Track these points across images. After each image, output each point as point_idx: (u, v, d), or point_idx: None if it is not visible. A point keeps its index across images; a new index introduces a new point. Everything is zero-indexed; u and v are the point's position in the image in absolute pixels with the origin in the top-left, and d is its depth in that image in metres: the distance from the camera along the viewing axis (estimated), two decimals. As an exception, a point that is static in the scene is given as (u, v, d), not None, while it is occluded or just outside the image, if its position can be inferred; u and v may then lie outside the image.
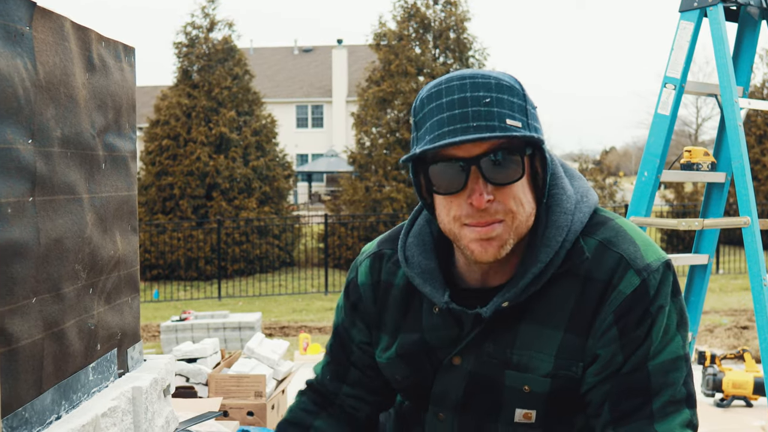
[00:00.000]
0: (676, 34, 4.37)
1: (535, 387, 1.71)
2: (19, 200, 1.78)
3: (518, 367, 1.71)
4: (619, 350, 1.65)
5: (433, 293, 1.75)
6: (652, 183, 4.35)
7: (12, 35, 1.78)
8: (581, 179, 1.81)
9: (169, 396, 2.56)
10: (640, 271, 1.65)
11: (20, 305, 1.79)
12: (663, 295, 1.65)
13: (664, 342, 1.65)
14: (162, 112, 23.91)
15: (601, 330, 1.66)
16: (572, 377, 1.69)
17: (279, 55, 52.33)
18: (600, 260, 1.68)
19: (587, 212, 1.73)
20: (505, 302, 1.67)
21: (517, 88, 1.63)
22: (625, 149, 79.09)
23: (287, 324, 14.54)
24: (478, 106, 1.58)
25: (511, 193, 1.62)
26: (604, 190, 27.82)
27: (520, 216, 1.64)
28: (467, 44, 25.15)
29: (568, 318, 1.68)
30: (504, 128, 1.57)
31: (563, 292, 1.69)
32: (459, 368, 1.79)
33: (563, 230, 1.68)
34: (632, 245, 1.68)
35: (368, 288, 1.94)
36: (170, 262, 22.01)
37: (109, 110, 2.32)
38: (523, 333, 1.71)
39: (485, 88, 1.60)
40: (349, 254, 22.71)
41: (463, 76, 1.63)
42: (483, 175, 1.60)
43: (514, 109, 1.60)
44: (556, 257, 1.67)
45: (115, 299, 2.34)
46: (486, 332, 1.74)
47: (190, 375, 5.65)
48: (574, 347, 1.68)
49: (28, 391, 1.83)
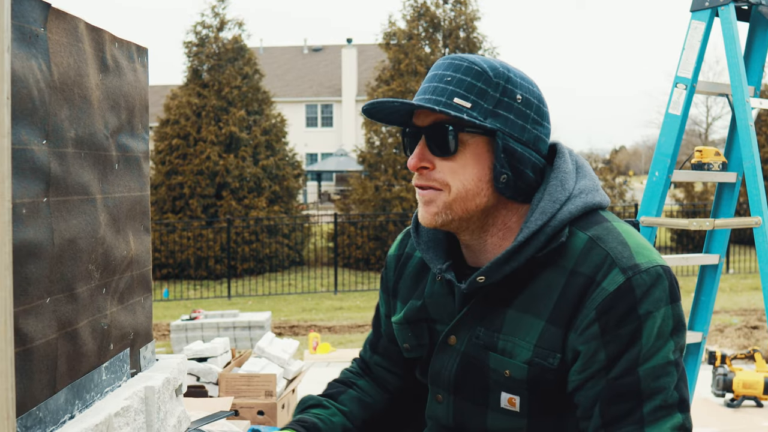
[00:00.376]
0: (687, 33, 4.36)
1: (514, 372, 1.75)
2: (33, 201, 1.79)
3: (503, 351, 1.76)
4: (601, 347, 1.65)
5: (433, 260, 1.87)
6: (663, 183, 4.34)
7: (27, 36, 1.79)
8: (592, 180, 1.84)
9: (181, 395, 2.57)
10: (626, 269, 1.66)
11: (34, 305, 1.80)
12: (653, 299, 1.65)
13: (655, 347, 1.65)
14: (172, 112, 23.98)
15: (583, 326, 1.67)
16: (548, 368, 1.71)
17: (289, 54, 52.41)
18: (587, 255, 1.71)
19: (580, 205, 1.76)
20: (481, 277, 1.74)
21: (487, 74, 1.73)
22: (635, 148, 79.04)
23: (297, 323, 14.57)
24: (439, 82, 1.74)
25: (451, 167, 1.74)
26: (613, 189, 27.79)
27: (454, 190, 1.74)
28: (477, 43, 25.14)
29: (551, 309, 1.71)
30: (446, 105, 1.71)
31: (549, 282, 1.73)
32: (453, 348, 1.86)
33: (546, 215, 1.73)
34: (622, 245, 1.71)
35: (393, 259, 2.11)
36: (180, 261, 22.07)
37: (123, 111, 2.32)
38: (510, 319, 1.76)
39: (454, 68, 1.74)
40: (359, 253, 22.74)
41: (449, 56, 1.79)
42: (426, 143, 1.76)
43: (471, 92, 1.72)
44: (534, 239, 1.72)
45: (127, 299, 2.35)
46: (477, 315, 1.81)
47: (201, 374, 5.67)
48: (554, 338, 1.71)
49: (42, 391, 1.84)
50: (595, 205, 1.79)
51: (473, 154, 1.73)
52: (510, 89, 1.74)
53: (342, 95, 47.07)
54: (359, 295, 18.78)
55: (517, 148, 1.73)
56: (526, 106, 1.75)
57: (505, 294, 1.78)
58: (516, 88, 1.75)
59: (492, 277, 1.74)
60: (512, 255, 1.73)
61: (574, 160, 1.86)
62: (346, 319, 14.99)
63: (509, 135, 1.73)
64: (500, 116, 1.72)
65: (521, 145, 1.74)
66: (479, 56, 1.77)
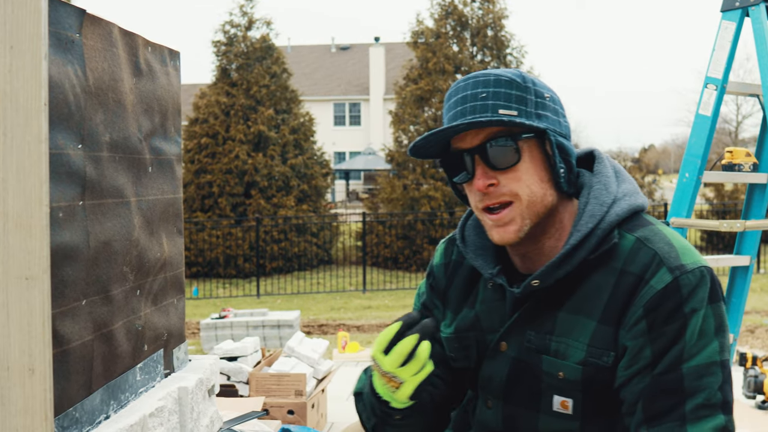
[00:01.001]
0: (718, 34, 4.34)
1: (568, 374, 1.78)
2: (69, 204, 1.82)
3: (556, 353, 1.79)
4: (647, 344, 1.69)
5: (483, 266, 1.90)
6: (693, 184, 4.33)
7: (63, 43, 1.82)
8: (631, 183, 1.90)
9: (213, 396, 2.59)
10: (673, 269, 1.71)
11: (71, 307, 1.83)
12: (698, 298, 1.69)
13: (699, 345, 1.67)
14: (201, 111, 24.06)
15: (631, 322, 1.71)
16: (603, 367, 1.75)
17: (316, 53, 52.47)
18: (635, 255, 1.76)
19: (626, 208, 1.81)
20: (535, 281, 1.78)
21: (517, 81, 1.78)
22: (664, 147, 78.49)
23: (325, 322, 14.59)
24: (474, 101, 1.76)
25: (515, 177, 1.76)
26: (643, 188, 27.61)
27: (525, 197, 1.77)
28: (505, 42, 25.04)
29: (602, 308, 1.75)
30: (495, 116, 1.73)
31: (599, 283, 1.77)
32: (504, 354, 1.88)
33: (596, 218, 1.78)
34: (668, 246, 1.75)
35: (441, 268, 2.10)
36: (209, 259, 22.15)
37: (156, 114, 2.35)
38: (561, 321, 1.80)
39: (483, 84, 1.77)
40: (387, 252, 22.73)
41: (468, 77, 1.81)
42: (483, 162, 1.76)
43: (510, 100, 1.76)
44: (586, 242, 1.77)
45: (161, 300, 2.38)
46: (528, 319, 1.84)
47: (231, 373, 5.70)
48: (606, 337, 1.74)
49: (78, 391, 1.86)
50: (638, 207, 1.84)
51: (530, 158, 1.78)
52: (539, 90, 1.81)
53: (370, 94, 47.07)
54: (388, 294, 18.79)
55: (564, 142, 1.81)
56: (554, 103, 1.84)
57: (556, 297, 1.81)
58: (543, 89, 1.82)
59: (546, 281, 1.78)
60: (565, 258, 1.77)
61: (612, 165, 1.92)
62: (374, 318, 14.99)
63: (554, 131, 1.80)
64: (543, 116, 1.79)
65: (564, 138, 1.82)
66: (493, 69, 1.83)
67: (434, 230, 22.49)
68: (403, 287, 19.76)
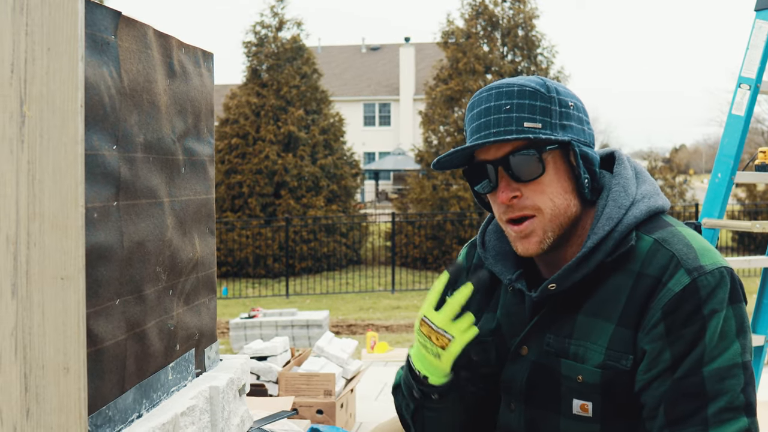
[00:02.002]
0: (752, 33, 4.30)
1: (587, 377, 1.77)
2: (104, 205, 1.84)
3: (575, 357, 1.79)
4: (666, 347, 1.67)
5: (503, 271, 1.91)
6: (726, 185, 4.29)
7: (99, 44, 1.84)
8: (651, 184, 1.88)
9: (244, 395, 2.60)
10: (691, 270, 1.69)
11: (105, 306, 1.84)
12: (717, 300, 1.67)
13: (720, 348, 1.66)
14: (231, 111, 24.20)
15: (650, 325, 1.70)
16: (622, 370, 1.74)
17: (347, 53, 52.57)
18: (653, 257, 1.74)
19: (644, 210, 1.80)
20: (552, 285, 1.78)
21: (541, 91, 1.77)
22: (696, 147, 77.99)
23: (354, 322, 14.62)
24: (499, 113, 1.76)
25: (539, 189, 1.77)
26: (673, 188, 27.42)
27: (548, 210, 1.77)
28: (535, 42, 24.97)
29: (620, 311, 1.74)
30: (520, 131, 1.74)
31: (617, 285, 1.76)
32: (525, 358, 1.88)
33: (613, 221, 1.77)
34: (687, 247, 1.74)
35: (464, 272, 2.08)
36: (239, 259, 22.26)
37: (189, 115, 2.37)
38: (580, 324, 1.79)
39: (507, 96, 1.77)
40: (416, 253, 22.73)
41: (490, 87, 1.81)
42: (507, 174, 1.77)
43: (535, 112, 1.76)
44: (603, 245, 1.76)
45: (193, 300, 2.39)
46: (547, 322, 1.84)
47: (261, 373, 5.72)
48: (625, 340, 1.73)
49: (111, 390, 1.88)
50: (658, 209, 1.83)
51: (554, 170, 1.78)
52: (563, 99, 1.80)
53: (400, 94, 47.09)
54: (416, 295, 18.79)
55: (588, 151, 1.80)
56: (578, 111, 1.83)
57: (575, 300, 1.81)
58: (567, 97, 1.81)
59: (563, 285, 1.78)
60: (582, 262, 1.77)
61: (633, 166, 1.91)
62: (403, 319, 15.00)
63: (578, 141, 1.79)
64: (567, 127, 1.79)
65: (588, 147, 1.81)
66: (519, 77, 1.82)
67: (463, 230, 22.47)
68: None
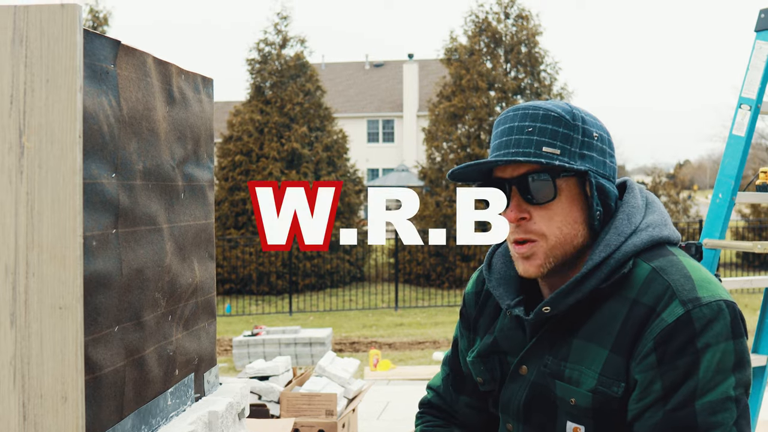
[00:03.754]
0: (752, 54, 4.31)
1: (579, 401, 1.77)
2: (103, 233, 1.85)
3: (569, 380, 1.79)
4: (657, 377, 1.66)
5: (503, 296, 1.92)
6: (727, 205, 4.29)
7: (98, 74, 1.85)
8: (661, 215, 1.86)
9: (244, 419, 2.61)
10: (686, 302, 1.67)
11: (104, 334, 1.85)
12: (712, 333, 1.65)
13: (714, 381, 1.64)
14: (235, 128, 24.26)
15: (642, 355, 1.69)
16: (612, 396, 1.73)
17: (350, 70, 52.64)
18: (649, 286, 1.73)
19: (646, 239, 1.78)
20: (546, 308, 1.79)
21: (565, 118, 1.78)
22: (700, 162, 77.97)
23: (357, 339, 14.61)
24: (520, 134, 1.78)
25: (548, 215, 1.78)
26: (677, 204, 27.39)
27: (553, 238, 1.78)
28: (539, 58, 25.05)
29: (614, 338, 1.73)
30: (538, 154, 1.75)
31: (613, 311, 1.75)
32: (524, 378, 1.89)
33: (610, 248, 1.77)
34: (684, 278, 1.72)
35: (472, 296, 2.11)
36: (242, 276, 22.28)
37: (188, 141, 2.38)
38: (576, 348, 1.79)
39: (532, 118, 1.78)
40: (420, 269, 22.72)
41: (518, 107, 1.82)
42: (519, 194, 1.79)
43: (556, 138, 1.77)
44: (598, 270, 1.76)
45: (192, 325, 2.40)
46: (546, 344, 1.84)
47: (263, 393, 5.72)
48: (617, 367, 1.72)
49: (110, 417, 1.89)
50: (662, 239, 1.81)
51: (567, 198, 1.79)
52: (588, 129, 1.80)
53: (403, 111, 47.13)
54: (420, 312, 18.77)
55: (605, 184, 1.80)
56: (602, 142, 1.82)
57: (572, 323, 1.81)
58: (592, 127, 1.81)
59: (557, 308, 1.78)
60: (576, 286, 1.76)
61: (644, 196, 1.90)
62: (406, 336, 14.99)
63: (596, 173, 1.79)
64: (587, 156, 1.79)
65: (606, 180, 1.81)
66: (548, 102, 1.82)
67: (467, 248, 22.47)
68: (435, 305, 19.73)
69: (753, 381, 4.49)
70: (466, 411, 2.15)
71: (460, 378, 2.15)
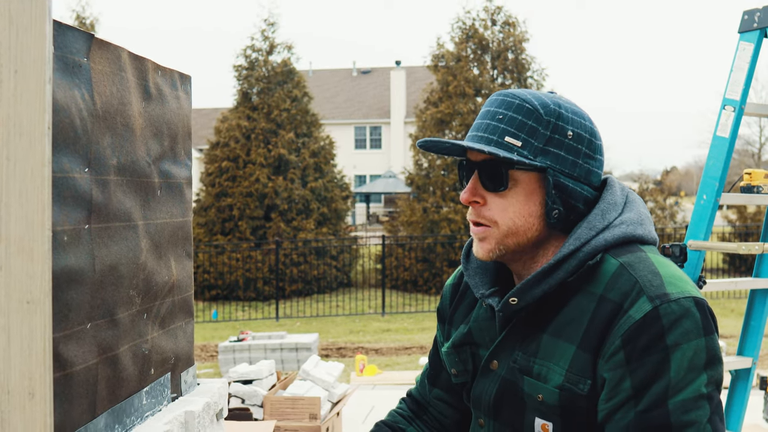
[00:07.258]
0: (735, 55, 4.32)
1: (546, 397, 1.74)
2: (74, 228, 1.82)
3: (537, 376, 1.76)
4: (626, 375, 1.63)
5: (477, 285, 1.91)
6: (711, 206, 4.29)
7: (70, 67, 1.83)
8: (638, 214, 1.83)
9: (222, 420, 2.58)
10: (653, 298, 1.64)
11: (75, 331, 1.82)
12: (682, 330, 1.62)
13: (686, 380, 1.61)
14: (222, 134, 24.23)
15: (609, 353, 1.65)
16: (579, 394, 1.70)
17: (338, 76, 52.69)
18: (616, 282, 1.70)
19: (618, 235, 1.75)
20: (513, 299, 1.77)
21: (538, 111, 1.75)
22: (687, 169, 78.33)
23: (344, 345, 14.58)
24: (491, 120, 1.78)
25: (501, 204, 1.78)
26: (664, 210, 27.46)
27: (504, 227, 1.77)
28: (525, 65, 25.11)
29: (581, 334, 1.71)
30: (498, 143, 1.75)
31: (580, 307, 1.73)
32: (495, 373, 1.87)
33: (580, 241, 1.74)
34: (652, 274, 1.69)
35: (450, 288, 2.12)
36: (229, 282, 22.22)
37: (165, 138, 2.35)
38: (545, 343, 1.77)
39: (507, 106, 1.77)
40: (407, 275, 22.71)
41: (505, 93, 1.82)
42: (478, 178, 1.80)
43: (522, 130, 1.74)
44: (566, 263, 1.73)
45: (169, 324, 2.37)
46: (517, 339, 1.82)
47: (246, 397, 5.69)
48: (584, 364, 1.70)
49: (81, 415, 1.86)
50: (635, 237, 1.78)
51: (524, 191, 1.77)
52: (561, 126, 1.76)
53: (391, 117, 47.18)
54: (407, 317, 18.75)
55: (568, 184, 1.76)
56: (577, 142, 1.77)
57: (541, 318, 1.79)
58: (567, 124, 1.76)
59: (523, 299, 1.76)
60: (543, 277, 1.74)
61: (625, 194, 1.86)
62: (393, 341, 14.97)
63: (560, 171, 1.75)
64: (550, 153, 1.75)
65: (572, 180, 1.77)
66: (532, 92, 1.80)
67: (454, 253, 22.47)
68: (422, 310, 19.72)
69: (738, 383, 4.50)
70: (437, 404, 2.15)
71: (436, 371, 2.15)
